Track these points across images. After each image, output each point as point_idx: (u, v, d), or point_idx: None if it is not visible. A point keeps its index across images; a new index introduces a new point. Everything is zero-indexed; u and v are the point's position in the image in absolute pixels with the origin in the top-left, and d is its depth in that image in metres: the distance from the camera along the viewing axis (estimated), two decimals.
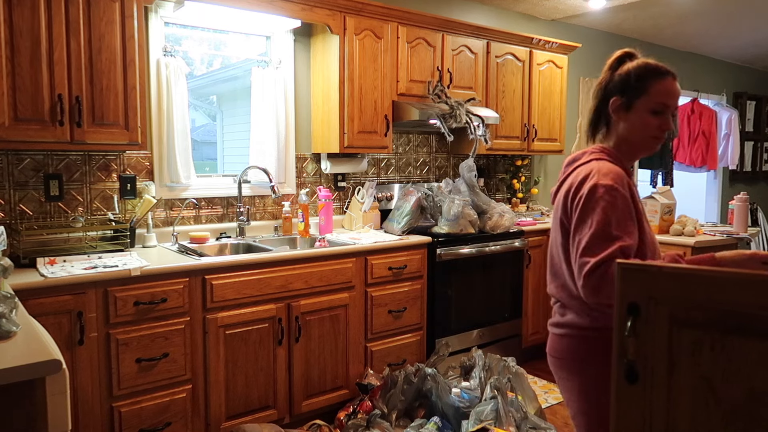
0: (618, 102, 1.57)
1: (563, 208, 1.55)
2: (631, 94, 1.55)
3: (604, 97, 1.61)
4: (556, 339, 1.62)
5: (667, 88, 1.55)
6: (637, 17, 4.91)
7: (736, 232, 3.64)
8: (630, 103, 1.56)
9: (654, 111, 1.54)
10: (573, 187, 1.53)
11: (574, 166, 1.61)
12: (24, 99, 2.33)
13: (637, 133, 1.57)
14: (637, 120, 1.56)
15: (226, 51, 3.60)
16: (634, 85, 1.55)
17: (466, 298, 3.54)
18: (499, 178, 4.67)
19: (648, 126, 1.55)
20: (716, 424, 0.90)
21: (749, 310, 0.87)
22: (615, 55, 1.63)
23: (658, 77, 1.54)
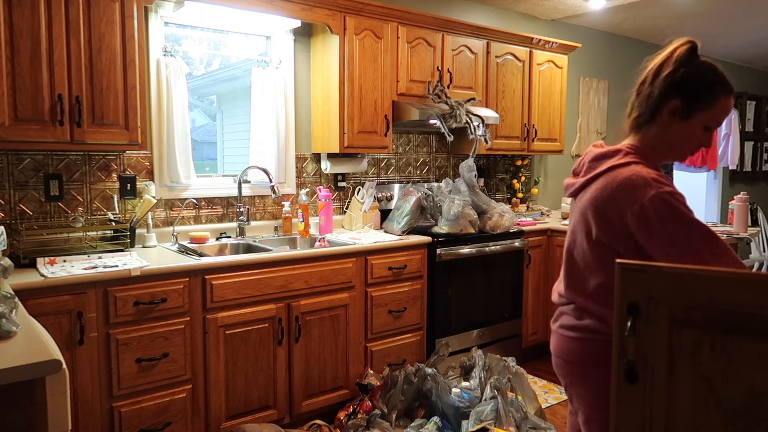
0: (677, 106, 1.44)
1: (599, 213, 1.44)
2: (697, 104, 1.43)
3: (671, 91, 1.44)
4: (568, 342, 1.55)
5: (729, 107, 1.45)
6: (637, 17, 4.91)
7: (736, 232, 3.64)
8: (691, 112, 1.44)
9: (707, 127, 1.45)
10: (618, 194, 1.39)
11: (605, 165, 1.47)
12: (24, 99, 2.34)
13: (681, 142, 1.48)
14: (689, 131, 1.45)
15: (226, 51, 3.60)
16: (703, 95, 1.42)
17: (466, 298, 3.54)
18: (499, 178, 4.67)
19: (695, 139, 1.47)
20: (716, 424, 0.90)
21: (749, 310, 0.87)
22: (683, 46, 1.44)
23: (726, 94, 1.43)
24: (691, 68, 1.43)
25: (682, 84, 1.43)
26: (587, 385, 1.52)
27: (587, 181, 1.51)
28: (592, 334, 1.50)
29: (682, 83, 1.43)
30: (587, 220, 1.48)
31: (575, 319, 1.54)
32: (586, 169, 1.53)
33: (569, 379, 1.58)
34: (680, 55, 1.44)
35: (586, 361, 1.51)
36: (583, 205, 1.50)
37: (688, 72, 1.43)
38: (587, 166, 1.53)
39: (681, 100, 1.43)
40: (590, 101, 5.34)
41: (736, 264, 1.30)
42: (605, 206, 1.42)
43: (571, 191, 1.58)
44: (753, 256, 6.41)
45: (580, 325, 1.52)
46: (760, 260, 6.38)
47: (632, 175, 1.39)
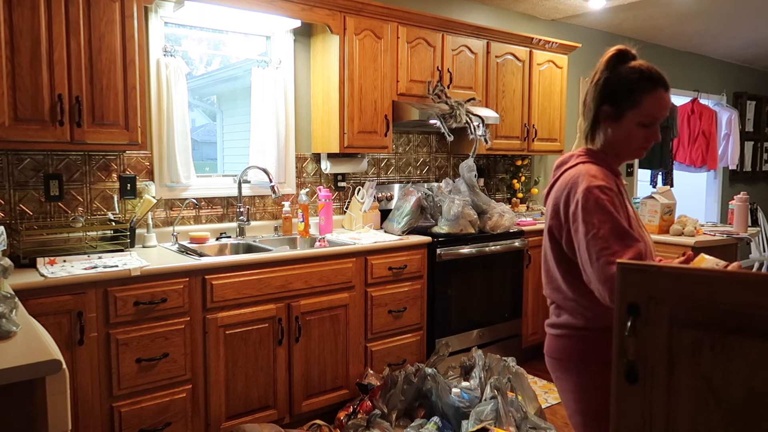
0: (608, 111, 1.55)
1: (554, 214, 1.55)
2: (622, 105, 1.53)
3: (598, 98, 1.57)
4: (552, 339, 1.63)
5: (658, 102, 1.52)
6: (637, 17, 4.91)
7: (736, 232, 3.64)
8: (620, 114, 1.53)
9: (643, 124, 1.53)
10: (563, 193, 1.51)
11: (562, 170, 1.59)
12: (24, 99, 2.34)
13: (623, 142, 1.56)
14: (625, 131, 1.54)
15: (226, 51, 3.60)
16: (625, 96, 1.52)
17: (466, 298, 3.54)
18: (499, 178, 4.67)
19: (635, 138, 1.54)
20: (716, 424, 0.90)
21: (749, 310, 0.87)
22: (610, 53, 1.58)
23: (651, 90, 1.52)
24: (612, 73, 1.54)
25: (607, 89, 1.54)
26: (569, 379, 1.59)
27: (551, 186, 1.62)
28: (570, 330, 1.57)
29: (606, 88, 1.54)
30: (549, 222, 1.58)
31: (555, 316, 1.63)
32: (552, 177, 1.66)
33: (555, 375, 1.65)
34: (604, 62, 1.57)
35: (568, 357, 1.58)
36: (547, 209, 1.62)
37: (608, 77, 1.55)
38: (552, 173, 1.66)
39: (609, 105, 1.54)
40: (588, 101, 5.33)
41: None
42: (557, 203, 1.54)
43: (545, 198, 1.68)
44: (753, 256, 6.41)
45: (559, 322, 1.61)
46: (760, 260, 6.38)
47: (576, 173, 1.51)
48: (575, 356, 1.56)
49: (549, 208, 1.59)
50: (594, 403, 1.53)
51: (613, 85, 1.54)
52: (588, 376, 1.53)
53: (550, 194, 1.60)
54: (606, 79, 1.55)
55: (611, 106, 1.54)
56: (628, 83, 1.52)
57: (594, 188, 1.44)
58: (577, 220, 1.45)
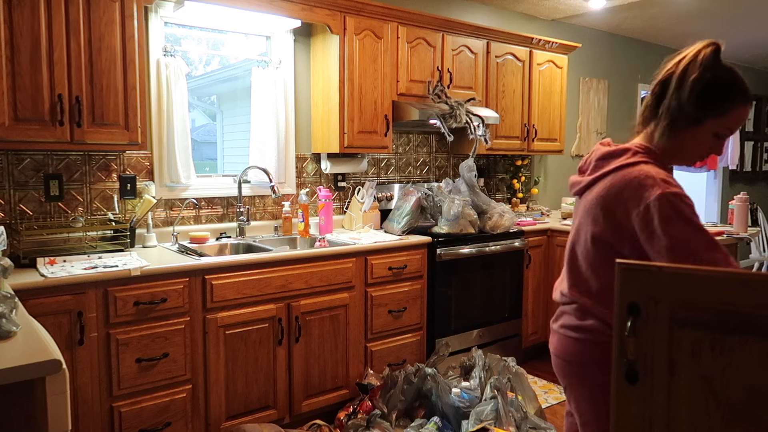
0: (689, 112, 1.40)
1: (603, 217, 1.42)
2: (709, 111, 1.39)
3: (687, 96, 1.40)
4: (569, 342, 1.54)
5: (744, 116, 1.41)
6: (637, 17, 4.91)
7: (736, 232, 3.64)
8: (701, 119, 1.40)
9: (718, 135, 1.42)
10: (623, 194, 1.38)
11: (613, 165, 1.44)
12: (24, 99, 2.34)
13: (691, 147, 1.45)
14: (698, 137, 1.42)
15: (226, 51, 3.60)
16: (718, 103, 1.39)
17: (466, 298, 3.54)
18: (499, 178, 4.67)
19: (703, 146, 1.44)
20: (716, 424, 0.90)
21: (749, 310, 0.87)
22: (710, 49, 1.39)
23: (743, 103, 1.41)
24: (711, 73, 1.39)
25: (698, 89, 1.38)
26: (585, 386, 1.52)
27: (593, 180, 1.48)
28: (594, 335, 1.48)
29: (698, 88, 1.38)
30: (593, 219, 1.45)
31: (577, 319, 1.53)
32: (593, 167, 1.51)
33: (568, 380, 1.57)
34: (702, 59, 1.39)
35: (585, 362, 1.50)
36: (589, 204, 1.47)
37: (704, 77, 1.38)
38: (594, 165, 1.51)
39: (695, 105, 1.39)
40: (590, 101, 5.34)
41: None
42: (612, 205, 1.41)
43: (576, 189, 1.56)
44: (753, 256, 6.41)
45: (583, 326, 1.51)
46: (760, 260, 6.38)
47: (640, 175, 1.37)
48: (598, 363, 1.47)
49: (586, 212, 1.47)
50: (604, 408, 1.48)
51: (711, 88, 1.38)
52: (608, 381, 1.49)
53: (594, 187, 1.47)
54: (702, 79, 1.38)
55: (695, 108, 1.39)
56: (727, 90, 1.40)
57: (672, 195, 1.32)
58: (655, 231, 1.32)
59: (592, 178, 1.49)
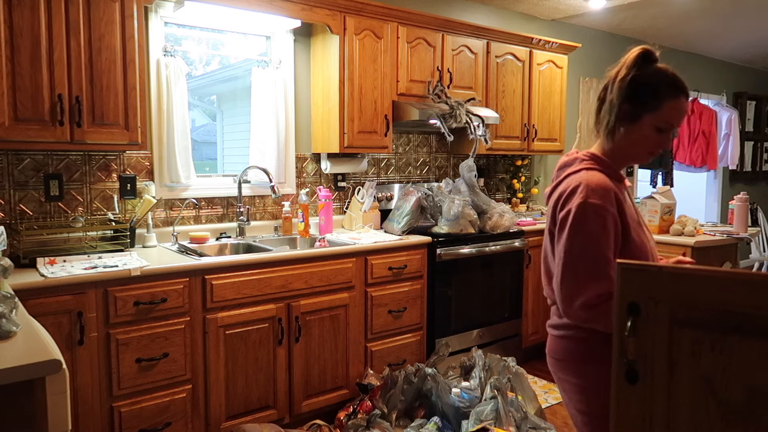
0: (626, 110, 1.50)
1: (552, 218, 1.55)
2: (642, 106, 1.49)
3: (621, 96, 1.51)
4: (554, 340, 1.63)
5: (679, 108, 1.50)
6: (637, 17, 4.91)
7: (736, 232, 3.64)
8: (638, 115, 1.50)
9: (659, 128, 1.50)
10: (562, 198, 1.50)
11: (566, 173, 1.57)
12: (24, 99, 2.33)
13: (634, 144, 1.54)
14: (640, 133, 1.52)
15: (226, 51, 3.60)
16: (648, 98, 1.49)
17: (466, 298, 3.54)
18: (499, 178, 4.67)
19: (647, 141, 1.53)
20: (716, 424, 0.90)
21: (749, 310, 0.87)
22: (637, 52, 1.51)
23: (673, 96, 1.49)
24: (638, 72, 1.49)
25: (630, 88, 1.49)
26: (570, 380, 1.59)
27: (553, 189, 1.60)
28: (571, 331, 1.56)
29: (630, 87, 1.49)
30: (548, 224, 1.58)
31: (557, 317, 1.62)
32: (554, 176, 1.64)
33: (557, 376, 1.64)
34: (632, 60, 1.51)
35: (571, 357, 1.58)
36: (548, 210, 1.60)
37: (635, 76, 1.49)
38: (555, 174, 1.64)
39: (629, 104, 1.50)
40: (590, 101, 5.34)
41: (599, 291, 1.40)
42: (555, 209, 1.53)
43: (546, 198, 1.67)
44: (753, 256, 6.41)
45: (561, 323, 1.60)
46: (760, 260, 6.38)
47: (577, 181, 1.49)
48: (578, 357, 1.56)
49: (549, 210, 1.59)
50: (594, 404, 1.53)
51: (638, 85, 1.49)
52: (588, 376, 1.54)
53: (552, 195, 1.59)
54: (633, 77, 1.49)
55: (631, 105, 1.50)
56: (654, 85, 1.49)
57: (589, 206, 1.43)
58: (563, 231, 1.46)
59: (551, 188, 1.62)
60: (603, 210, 1.43)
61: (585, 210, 1.43)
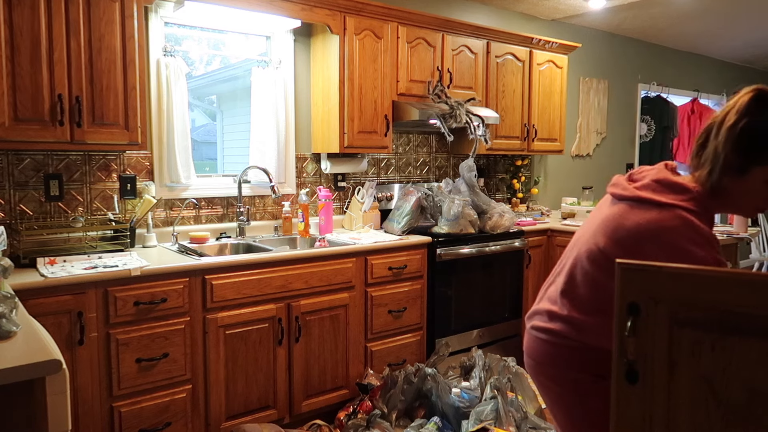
0: (733, 161, 1.33)
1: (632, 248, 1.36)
2: (752, 159, 1.32)
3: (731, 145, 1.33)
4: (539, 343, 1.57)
5: None
6: (637, 17, 4.91)
7: (736, 232, 3.64)
8: (746, 167, 1.33)
9: None
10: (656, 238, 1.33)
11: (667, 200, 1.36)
12: (24, 99, 2.34)
13: (741, 198, 1.38)
14: (747, 187, 1.35)
15: (226, 51, 3.60)
16: (759, 151, 1.32)
17: (466, 298, 3.54)
18: (499, 178, 4.67)
19: (756, 196, 1.37)
20: (716, 424, 0.90)
21: (749, 310, 0.87)
22: (750, 95, 1.34)
23: None
24: (752, 120, 1.32)
25: (743, 137, 1.32)
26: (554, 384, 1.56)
27: (640, 199, 1.40)
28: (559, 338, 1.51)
29: (743, 136, 1.32)
30: (617, 235, 1.40)
31: (546, 321, 1.55)
32: (645, 185, 1.42)
33: (537, 379, 1.61)
34: (744, 104, 1.33)
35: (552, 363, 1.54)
36: (621, 221, 1.41)
37: (747, 124, 1.32)
38: (647, 183, 1.42)
39: (737, 155, 1.33)
40: (590, 101, 5.34)
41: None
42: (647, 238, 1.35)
43: (615, 192, 1.48)
44: (753, 256, 6.41)
45: (550, 328, 1.53)
46: (760, 260, 6.39)
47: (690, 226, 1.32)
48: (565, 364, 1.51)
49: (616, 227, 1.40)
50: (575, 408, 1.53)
51: (752, 134, 1.31)
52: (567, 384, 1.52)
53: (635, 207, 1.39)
54: (744, 126, 1.31)
55: (740, 156, 1.32)
56: (764, 137, 1.32)
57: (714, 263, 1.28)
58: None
59: (638, 195, 1.40)
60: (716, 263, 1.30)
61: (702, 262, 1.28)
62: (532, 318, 1.63)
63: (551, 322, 1.54)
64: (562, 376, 1.52)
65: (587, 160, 5.40)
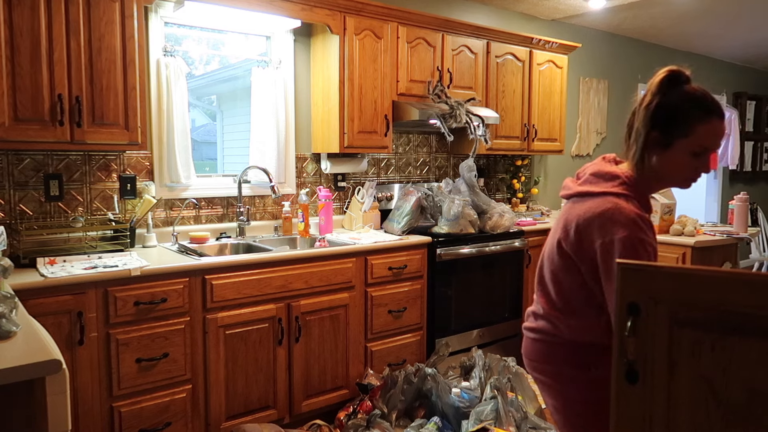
0: (656, 137, 1.44)
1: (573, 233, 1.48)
2: (672, 133, 1.43)
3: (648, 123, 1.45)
4: (529, 342, 1.66)
5: (713, 131, 1.43)
6: (637, 17, 4.91)
7: (736, 232, 3.64)
8: (669, 142, 1.43)
9: (694, 153, 1.44)
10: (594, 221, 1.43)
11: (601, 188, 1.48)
12: (24, 99, 2.33)
13: (671, 172, 1.47)
14: (674, 160, 1.45)
15: (226, 51, 3.60)
16: (677, 124, 1.42)
17: (466, 298, 3.54)
18: (499, 178, 4.67)
19: (684, 167, 1.46)
20: (716, 424, 0.90)
21: (749, 310, 0.87)
22: (661, 75, 1.44)
23: (705, 120, 1.42)
24: (664, 97, 1.44)
25: (657, 115, 1.43)
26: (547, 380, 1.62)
27: (581, 193, 1.53)
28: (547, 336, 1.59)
29: (657, 114, 1.43)
30: (566, 231, 1.51)
31: (533, 320, 1.66)
32: (584, 180, 1.55)
33: (535, 376, 1.67)
34: (656, 84, 1.45)
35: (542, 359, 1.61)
36: (568, 215, 1.53)
37: (660, 102, 1.43)
38: (586, 178, 1.55)
39: (659, 132, 1.44)
40: (590, 101, 5.34)
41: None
42: (585, 228, 1.46)
43: (565, 194, 1.61)
44: (753, 256, 6.41)
45: (536, 327, 1.63)
46: (760, 260, 6.39)
47: (613, 208, 1.42)
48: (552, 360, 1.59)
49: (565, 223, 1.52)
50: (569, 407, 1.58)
51: (665, 111, 1.43)
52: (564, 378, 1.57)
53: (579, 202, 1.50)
54: (658, 104, 1.43)
55: (660, 133, 1.44)
56: (681, 111, 1.42)
57: (637, 241, 1.37)
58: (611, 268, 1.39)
59: (579, 191, 1.54)
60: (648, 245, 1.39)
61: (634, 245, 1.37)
62: (526, 319, 1.73)
63: (535, 322, 1.64)
64: (554, 372, 1.58)
65: (587, 160, 5.40)
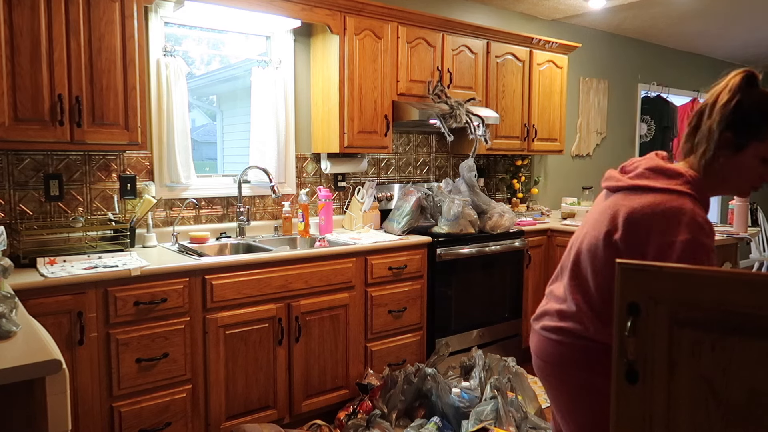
0: (729, 138, 1.38)
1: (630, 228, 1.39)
2: (747, 136, 1.37)
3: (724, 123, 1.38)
4: (548, 343, 1.56)
5: None
6: (637, 17, 4.91)
7: (736, 232, 3.64)
8: (743, 144, 1.38)
9: (764, 159, 1.38)
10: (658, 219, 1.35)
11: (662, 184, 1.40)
12: (24, 99, 2.34)
13: (737, 176, 1.42)
14: (743, 164, 1.39)
15: (226, 51, 3.60)
16: (755, 126, 1.36)
17: (466, 298, 3.54)
18: (499, 178, 4.67)
19: (751, 173, 1.41)
20: (716, 424, 0.90)
21: (749, 310, 0.87)
22: (740, 75, 1.39)
23: None
24: (745, 96, 1.38)
25: (735, 114, 1.37)
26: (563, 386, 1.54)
27: (634, 186, 1.44)
28: (570, 338, 1.50)
29: (735, 114, 1.37)
30: (615, 222, 1.42)
31: (557, 321, 1.54)
32: (639, 174, 1.46)
33: (547, 380, 1.59)
34: (736, 84, 1.39)
35: (562, 363, 1.52)
36: (617, 207, 1.44)
37: (740, 101, 1.37)
38: (641, 172, 1.46)
39: (732, 133, 1.38)
40: (590, 101, 5.34)
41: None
42: (642, 222, 1.38)
43: (610, 185, 1.52)
44: (753, 256, 6.41)
45: (561, 327, 1.52)
46: (760, 260, 6.39)
47: (680, 209, 1.34)
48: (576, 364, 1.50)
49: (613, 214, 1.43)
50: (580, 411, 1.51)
51: (745, 112, 1.36)
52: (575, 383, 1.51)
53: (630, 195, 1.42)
54: (738, 102, 1.37)
55: (734, 134, 1.37)
56: (761, 113, 1.37)
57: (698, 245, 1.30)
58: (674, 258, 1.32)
59: (633, 184, 1.44)
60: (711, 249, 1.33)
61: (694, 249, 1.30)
62: (541, 319, 1.61)
63: (562, 321, 1.53)
64: (573, 377, 1.50)
65: (587, 160, 5.40)
